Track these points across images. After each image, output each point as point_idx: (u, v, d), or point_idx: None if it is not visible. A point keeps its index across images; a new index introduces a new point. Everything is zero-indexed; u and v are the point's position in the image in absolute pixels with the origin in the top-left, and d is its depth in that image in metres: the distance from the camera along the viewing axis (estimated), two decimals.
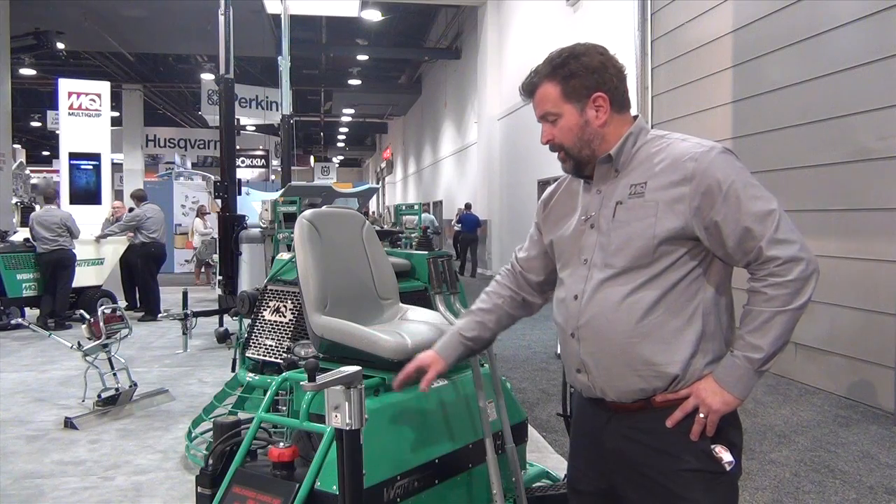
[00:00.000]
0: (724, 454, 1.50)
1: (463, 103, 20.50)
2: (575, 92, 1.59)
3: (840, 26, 5.31)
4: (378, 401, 2.20)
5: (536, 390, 5.64)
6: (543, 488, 2.79)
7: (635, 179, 1.56)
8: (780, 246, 1.44)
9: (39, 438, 4.31)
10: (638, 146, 1.60)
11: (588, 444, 1.70)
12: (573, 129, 1.60)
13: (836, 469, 3.85)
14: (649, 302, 1.52)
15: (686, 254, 1.52)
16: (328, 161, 34.74)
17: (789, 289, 1.43)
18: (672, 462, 1.52)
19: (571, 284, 1.64)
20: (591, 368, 1.60)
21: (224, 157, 7.20)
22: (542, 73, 1.63)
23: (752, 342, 1.46)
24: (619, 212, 1.56)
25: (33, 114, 26.44)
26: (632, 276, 1.53)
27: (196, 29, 15.64)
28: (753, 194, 1.47)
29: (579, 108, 1.59)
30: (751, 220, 1.45)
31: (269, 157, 27.61)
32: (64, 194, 11.24)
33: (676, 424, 1.52)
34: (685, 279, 1.52)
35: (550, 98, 1.61)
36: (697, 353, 1.52)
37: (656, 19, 8.09)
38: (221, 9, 7.03)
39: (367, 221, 2.69)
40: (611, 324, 1.54)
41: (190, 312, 6.50)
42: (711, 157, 1.50)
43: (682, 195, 1.49)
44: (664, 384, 1.53)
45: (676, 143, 1.56)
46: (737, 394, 1.49)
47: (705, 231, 1.49)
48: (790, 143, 5.86)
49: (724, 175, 1.47)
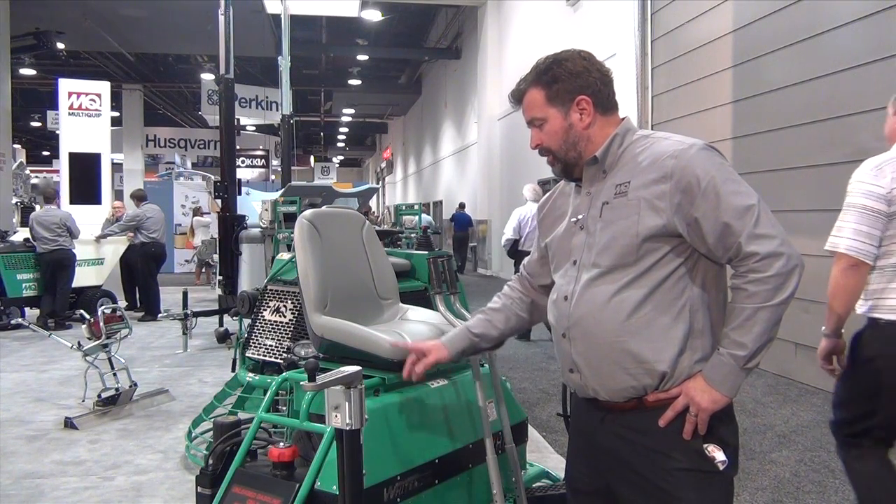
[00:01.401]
0: (716, 453, 1.50)
1: (463, 103, 20.50)
2: (558, 96, 1.63)
3: (840, 26, 5.30)
4: (378, 401, 2.20)
5: (536, 390, 5.64)
6: (543, 488, 2.79)
7: (620, 179, 1.58)
8: (759, 241, 1.44)
9: (39, 438, 4.31)
10: (624, 147, 1.63)
11: (584, 443, 1.72)
12: (558, 132, 1.64)
13: (836, 469, 3.84)
14: (636, 300, 1.53)
15: (671, 251, 1.53)
16: (328, 161, 34.70)
17: (770, 284, 1.43)
18: (665, 461, 1.53)
19: (562, 285, 1.67)
20: (582, 368, 1.61)
21: (224, 157, 7.20)
22: (528, 80, 1.68)
23: (736, 339, 1.46)
24: (605, 212, 1.59)
25: (33, 114, 26.43)
26: (618, 275, 1.55)
27: (196, 29, 15.64)
28: (733, 189, 1.47)
29: (563, 111, 1.63)
30: (729, 215, 1.45)
31: (269, 157, 27.60)
32: (64, 194, 11.23)
33: (668, 424, 1.52)
34: (671, 276, 1.53)
35: (536, 103, 1.66)
36: (686, 351, 1.52)
37: (656, 19, 8.09)
38: (221, 9, 7.02)
39: (367, 221, 2.69)
40: (599, 323, 1.56)
41: (190, 312, 6.51)
42: (691, 154, 1.51)
43: (663, 192, 1.50)
44: (654, 382, 1.53)
45: (659, 142, 1.58)
46: (724, 391, 1.48)
47: (687, 228, 1.50)
48: (790, 143, 5.86)
49: (703, 171, 1.48)
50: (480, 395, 2.34)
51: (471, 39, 18.70)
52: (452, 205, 19.91)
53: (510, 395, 2.79)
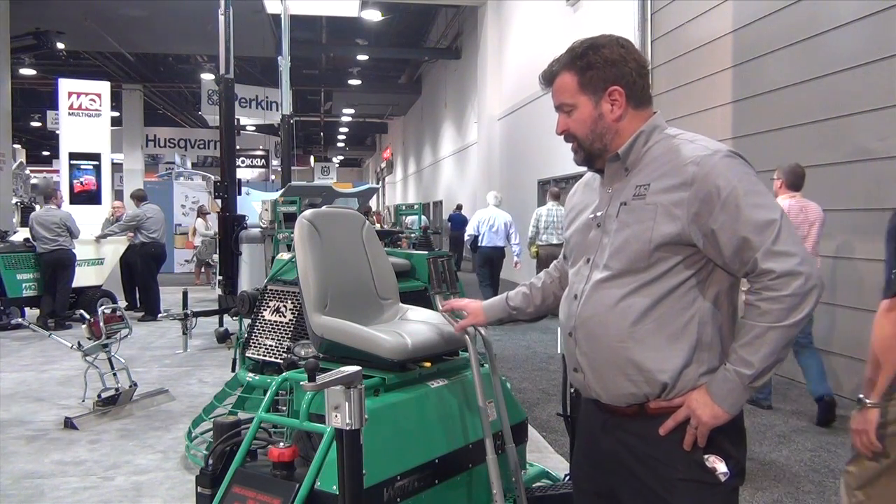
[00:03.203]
0: (718, 464, 1.47)
1: (463, 103, 20.49)
2: (591, 84, 1.56)
3: (840, 26, 5.30)
4: (378, 401, 2.20)
5: (536, 390, 5.64)
6: (543, 488, 2.79)
7: (641, 180, 1.53)
8: (777, 259, 1.38)
9: (39, 438, 4.31)
10: (649, 145, 1.56)
11: (588, 444, 1.71)
12: (587, 121, 1.58)
13: (836, 469, 3.84)
14: (643, 307, 1.49)
15: (683, 261, 1.48)
16: (328, 161, 34.67)
17: (784, 304, 1.38)
18: (665, 470, 1.50)
19: (574, 283, 1.65)
20: (585, 369, 1.60)
21: (224, 157, 7.20)
22: (561, 63, 1.60)
23: (744, 357, 1.42)
24: (622, 213, 1.54)
25: (33, 114, 26.40)
26: (627, 280, 1.51)
27: (196, 29, 15.63)
28: (754, 202, 1.41)
29: (595, 100, 1.57)
30: (749, 229, 1.40)
31: (269, 157, 27.60)
32: (64, 194, 11.22)
33: (669, 433, 1.49)
34: (681, 287, 1.49)
35: (567, 88, 1.59)
36: (692, 363, 1.49)
37: (656, 19, 8.09)
38: (221, 9, 7.02)
39: (367, 221, 2.69)
40: (604, 326, 1.53)
41: (190, 312, 6.50)
42: (714, 161, 1.45)
43: (681, 200, 1.45)
44: (654, 391, 1.50)
45: (684, 145, 1.52)
46: (726, 407, 1.44)
47: (703, 238, 1.45)
48: (790, 143, 5.86)
49: (724, 181, 1.42)
50: (480, 395, 2.33)
51: (471, 39, 18.69)
52: (452, 205, 19.92)
53: (510, 395, 2.79)
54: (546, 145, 12.32)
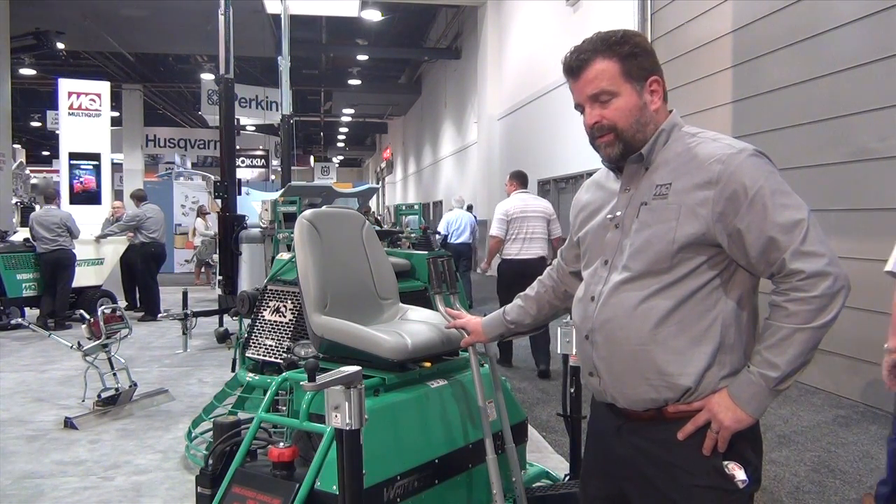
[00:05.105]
0: (737, 472, 1.43)
1: (463, 103, 20.48)
2: (635, 72, 1.51)
3: (840, 26, 5.30)
4: (378, 401, 2.20)
5: (536, 390, 5.63)
6: (543, 488, 2.79)
7: (661, 180, 1.49)
8: (805, 259, 1.35)
9: (39, 438, 4.30)
10: (668, 144, 1.53)
11: (600, 448, 1.66)
12: (632, 110, 1.51)
13: (836, 469, 3.84)
14: (665, 309, 1.45)
15: (707, 262, 1.45)
16: (328, 161, 34.68)
17: (812, 305, 1.35)
18: (682, 476, 1.46)
19: (590, 284, 1.60)
20: (602, 373, 1.55)
21: (224, 157, 7.20)
22: (595, 49, 1.51)
23: (770, 359, 1.38)
24: (642, 212, 1.50)
25: (33, 114, 26.40)
26: (648, 282, 1.47)
27: (196, 29, 15.63)
28: (782, 202, 1.38)
29: (639, 88, 1.52)
30: (776, 229, 1.37)
31: (269, 157, 27.61)
32: (64, 194, 11.23)
33: (688, 438, 1.45)
34: (704, 288, 1.45)
35: (608, 75, 1.50)
36: (713, 366, 1.45)
37: (656, 19, 8.08)
38: (221, 9, 7.03)
39: (367, 221, 2.69)
40: (624, 330, 1.49)
41: (190, 312, 6.50)
42: (740, 160, 1.42)
43: (706, 199, 1.42)
44: (675, 395, 1.46)
45: (706, 144, 1.48)
46: (750, 411, 1.40)
47: (728, 238, 1.41)
48: (790, 143, 5.85)
49: (751, 180, 1.39)
50: (480, 395, 2.34)
51: (471, 39, 18.69)
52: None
53: (510, 395, 2.79)
54: (546, 145, 12.32)
